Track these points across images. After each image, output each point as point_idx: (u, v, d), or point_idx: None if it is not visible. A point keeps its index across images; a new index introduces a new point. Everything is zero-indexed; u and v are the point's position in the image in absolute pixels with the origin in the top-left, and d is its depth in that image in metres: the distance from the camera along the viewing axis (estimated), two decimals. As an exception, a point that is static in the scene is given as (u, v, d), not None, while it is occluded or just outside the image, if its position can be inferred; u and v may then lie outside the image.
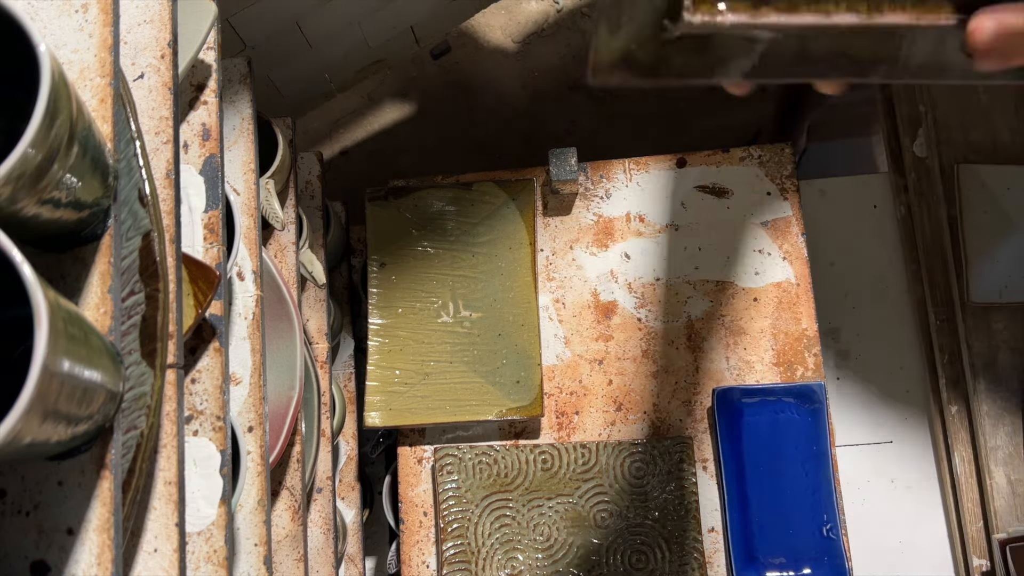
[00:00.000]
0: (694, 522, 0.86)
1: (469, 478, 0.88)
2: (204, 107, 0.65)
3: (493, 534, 0.86)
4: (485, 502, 0.87)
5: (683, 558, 0.85)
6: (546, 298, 1.08)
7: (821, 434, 1.00)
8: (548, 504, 0.86)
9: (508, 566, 0.85)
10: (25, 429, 0.31)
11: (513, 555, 0.85)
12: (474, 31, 1.71)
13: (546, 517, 0.86)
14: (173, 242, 0.50)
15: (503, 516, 0.86)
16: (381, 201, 1.10)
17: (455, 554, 0.86)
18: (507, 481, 0.87)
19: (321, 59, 1.28)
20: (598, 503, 0.86)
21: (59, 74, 0.35)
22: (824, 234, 1.19)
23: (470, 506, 0.87)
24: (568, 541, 0.85)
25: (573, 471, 0.87)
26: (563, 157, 1.03)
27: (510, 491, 0.87)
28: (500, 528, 0.86)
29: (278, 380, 0.79)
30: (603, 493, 0.86)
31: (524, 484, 0.87)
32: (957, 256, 1.08)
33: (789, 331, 1.05)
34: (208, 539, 0.56)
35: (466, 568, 0.86)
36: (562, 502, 0.86)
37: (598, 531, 0.86)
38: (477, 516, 0.87)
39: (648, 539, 0.85)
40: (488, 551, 0.86)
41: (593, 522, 0.86)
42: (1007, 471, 1.05)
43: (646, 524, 0.85)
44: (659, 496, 0.86)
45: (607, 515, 0.86)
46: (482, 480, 0.88)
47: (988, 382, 1.06)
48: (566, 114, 1.68)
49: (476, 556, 0.86)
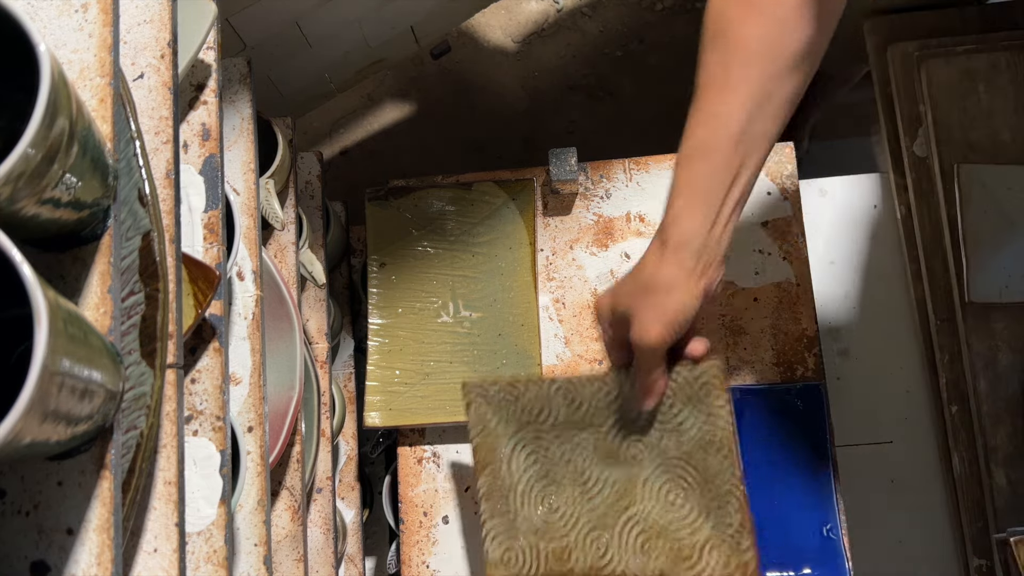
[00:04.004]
0: (729, 458, 0.78)
1: (497, 413, 0.83)
2: (204, 107, 0.65)
3: (528, 469, 0.81)
4: (515, 438, 0.82)
5: (721, 497, 0.79)
6: (546, 298, 1.08)
7: (821, 434, 1.00)
8: (579, 437, 0.81)
9: (545, 503, 0.81)
10: (25, 429, 0.31)
11: (550, 490, 0.81)
12: (474, 31, 1.71)
13: (578, 451, 0.81)
14: (173, 242, 0.50)
15: (535, 452, 0.82)
16: (381, 201, 1.10)
17: (490, 490, 0.81)
18: (534, 416, 0.82)
19: (321, 59, 1.28)
20: (627, 436, 0.80)
21: (59, 74, 0.35)
22: (824, 234, 1.19)
23: (500, 440, 0.82)
24: (603, 476, 0.81)
25: (597, 404, 0.81)
26: (563, 157, 1.03)
27: (539, 425, 0.82)
28: (534, 463, 0.82)
29: (278, 380, 0.79)
30: (631, 423, 0.80)
31: (551, 419, 0.82)
32: (957, 256, 1.08)
33: (789, 331, 1.05)
34: (208, 539, 0.56)
35: (503, 505, 0.81)
36: (592, 435, 0.81)
37: (632, 466, 0.80)
38: (509, 451, 0.82)
39: (683, 475, 0.80)
40: (525, 487, 0.81)
41: (626, 456, 0.80)
42: (1007, 471, 1.05)
43: (679, 459, 0.80)
44: (690, 428, 0.79)
45: (638, 449, 0.80)
46: (509, 415, 0.83)
47: (988, 382, 1.06)
48: (566, 114, 1.68)
49: (512, 492, 0.81)
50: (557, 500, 0.81)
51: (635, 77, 1.69)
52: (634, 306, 0.70)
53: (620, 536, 0.80)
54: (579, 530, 0.80)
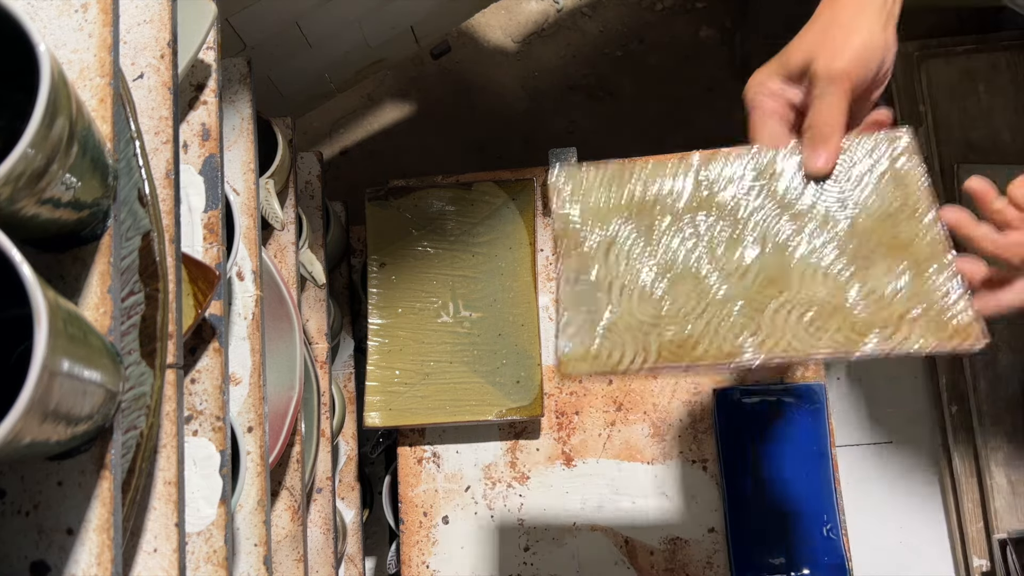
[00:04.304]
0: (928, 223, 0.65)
1: (596, 191, 0.68)
2: (204, 107, 0.65)
3: (635, 261, 0.66)
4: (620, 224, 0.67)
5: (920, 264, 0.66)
6: (546, 298, 1.08)
7: (821, 434, 1.00)
8: (707, 222, 0.67)
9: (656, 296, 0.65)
10: (25, 429, 0.31)
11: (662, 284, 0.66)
12: (474, 31, 1.71)
13: (706, 242, 0.67)
14: (173, 242, 0.50)
15: (645, 241, 0.67)
16: (381, 201, 1.10)
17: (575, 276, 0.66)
18: (650, 204, 0.67)
19: (321, 59, 1.28)
20: (779, 219, 0.67)
21: (59, 74, 0.35)
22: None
23: (595, 225, 0.67)
24: (740, 267, 0.66)
25: (741, 179, 0.67)
26: (563, 157, 1.03)
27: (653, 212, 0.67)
28: (644, 255, 0.66)
29: (278, 380, 0.79)
30: (784, 203, 0.67)
31: (677, 206, 0.67)
32: (957, 256, 1.08)
33: (789, 331, 1.05)
34: (208, 539, 0.56)
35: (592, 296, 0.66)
36: (726, 224, 0.67)
37: (783, 252, 0.66)
38: (608, 239, 0.67)
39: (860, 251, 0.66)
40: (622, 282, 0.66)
41: (775, 243, 0.66)
42: (1007, 471, 1.05)
43: (855, 235, 0.66)
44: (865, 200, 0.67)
45: (795, 228, 0.66)
46: (612, 197, 0.68)
47: (988, 382, 1.06)
48: (566, 114, 1.68)
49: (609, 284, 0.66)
50: (674, 293, 0.66)
51: (635, 77, 1.69)
52: (812, 50, 0.62)
53: (774, 320, 0.65)
54: (708, 320, 0.65)
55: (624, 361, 0.65)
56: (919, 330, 0.64)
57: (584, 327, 0.66)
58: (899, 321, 0.65)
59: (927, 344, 0.63)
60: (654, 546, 1.01)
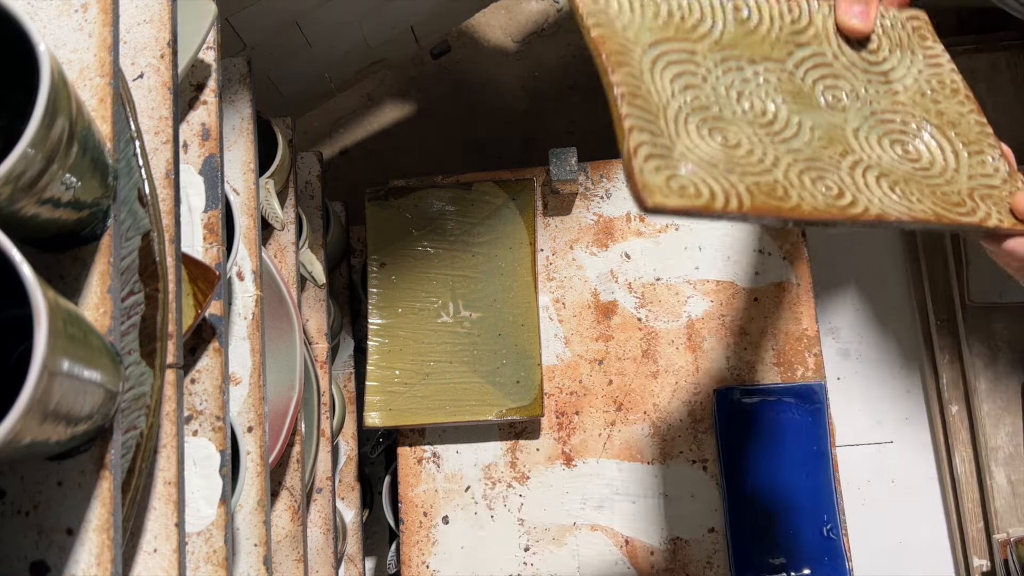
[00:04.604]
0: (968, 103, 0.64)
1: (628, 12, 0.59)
2: (204, 107, 0.65)
3: (677, 96, 0.58)
4: (656, 50, 0.58)
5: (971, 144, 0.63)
6: (546, 298, 1.08)
7: (821, 434, 1.00)
8: (751, 69, 0.60)
9: (716, 135, 0.57)
10: (25, 429, 0.31)
11: (717, 124, 0.58)
12: (474, 31, 1.71)
13: (751, 85, 0.60)
14: (173, 242, 0.50)
15: (687, 75, 0.58)
16: (381, 201, 1.10)
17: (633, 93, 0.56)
18: (687, 27, 0.59)
19: (321, 59, 1.28)
20: (821, 77, 0.61)
21: (59, 74, 0.35)
22: (824, 234, 1.19)
23: (635, 49, 0.58)
24: (794, 119, 0.60)
25: (780, 30, 0.62)
26: (563, 157, 1.03)
27: (692, 41, 0.59)
28: (685, 89, 0.58)
29: (278, 380, 0.79)
30: (826, 65, 0.62)
31: (712, 34, 0.60)
32: (957, 256, 1.08)
33: (789, 331, 1.05)
34: (208, 539, 0.56)
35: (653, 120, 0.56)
36: (771, 70, 0.61)
37: (833, 113, 0.61)
38: (648, 65, 0.58)
39: (907, 126, 0.62)
40: (677, 112, 0.57)
41: (821, 101, 0.61)
42: (1007, 471, 1.05)
43: (898, 110, 0.63)
44: (905, 77, 0.63)
45: (837, 95, 0.61)
46: (649, 18, 0.59)
47: (988, 382, 1.06)
48: (566, 114, 1.68)
49: (662, 113, 0.57)
50: (734, 135, 0.58)
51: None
52: None
53: (852, 178, 0.59)
54: (784, 169, 0.57)
55: (717, 201, 0.54)
56: (989, 207, 0.61)
57: (658, 153, 0.55)
58: (970, 197, 0.62)
59: (1004, 221, 0.61)
60: (654, 546, 1.01)
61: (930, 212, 0.59)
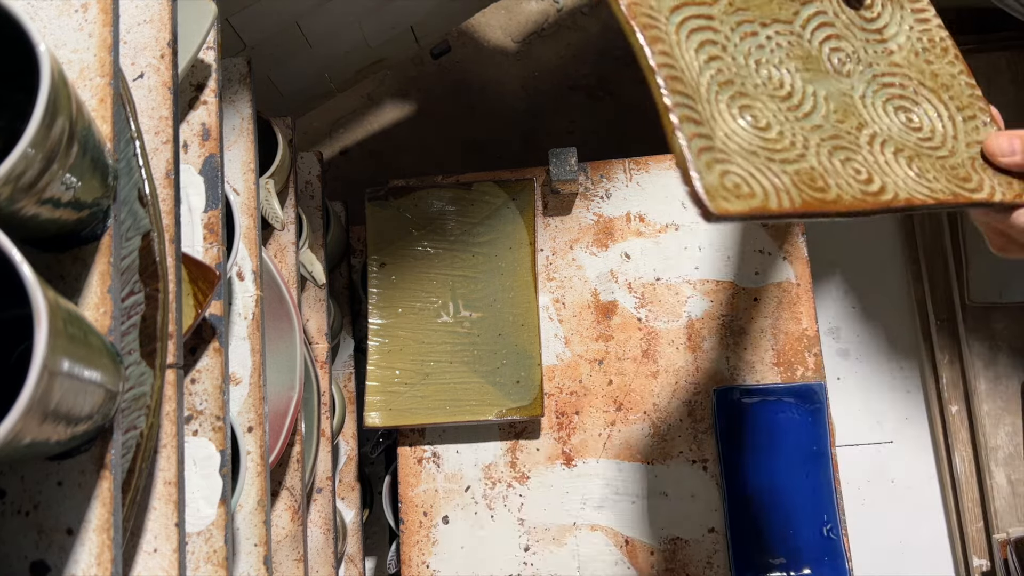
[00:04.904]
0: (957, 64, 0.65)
1: None
2: (204, 107, 0.65)
3: (704, 70, 0.58)
4: (678, 16, 0.59)
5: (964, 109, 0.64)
6: (546, 298, 1.08)
7: (821, 434, 1.00)
8: (764, 33, 0.61)
9: (745, 114, 0.58)
10: (25, 429, 0.31)
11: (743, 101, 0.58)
12: (474, 31, 1.71)
13: (766, 52, 0.61)
14: (173, 242, 0.50)
15: (708, 44, 0.59)
16: (381, 201, 1.10)
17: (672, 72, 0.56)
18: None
19: (321, 59, 1.28)
20: (827, 38, 0.63)
21: (59, 74, 0.35)
22: (824, 234, 1.19)
23: (660, 17, 0.58)
24: (808, 89, 0.61)
25: None
26: (563, 157, 1.03)
27: (709, 4, 0.60)
28: (709, 60, 0.59)
29: (278, 380, 0.79)
30: (829, 24, 0.63)
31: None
32: (957, 256, 1.08)
33: (789, 331, 1.05)
34: (208, 539, 0.56)
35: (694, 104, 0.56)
36: (782, 32, 0.62)
37: (840, 79, 0.62)
38: (674, 32, 0.58)
39: (905, 89, 0.63)
40: (707, 91, 0.58)
41: (828, 66, 0.62)
42: (1007, 471, 1.05)
43: (894, 71, 0.64)
44: (898, 35, 0.65)
45: (842, 59, 0.63)
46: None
47: (988, 382, 1.06)
48: (566, 114, 1.68)
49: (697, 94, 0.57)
50: (761, 114, 0.58)
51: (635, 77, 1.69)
52: None
53: (874, 155, 0.59)
54: (815, 152, 0.57)
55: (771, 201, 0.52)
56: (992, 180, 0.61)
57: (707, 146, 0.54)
58: (974, 169, 0.61)
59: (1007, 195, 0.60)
60: (654, 546, 1.01)
61: (948, 192, 0.59)
